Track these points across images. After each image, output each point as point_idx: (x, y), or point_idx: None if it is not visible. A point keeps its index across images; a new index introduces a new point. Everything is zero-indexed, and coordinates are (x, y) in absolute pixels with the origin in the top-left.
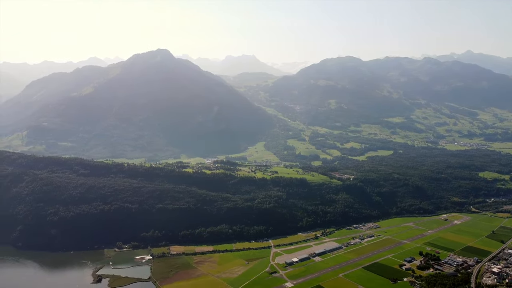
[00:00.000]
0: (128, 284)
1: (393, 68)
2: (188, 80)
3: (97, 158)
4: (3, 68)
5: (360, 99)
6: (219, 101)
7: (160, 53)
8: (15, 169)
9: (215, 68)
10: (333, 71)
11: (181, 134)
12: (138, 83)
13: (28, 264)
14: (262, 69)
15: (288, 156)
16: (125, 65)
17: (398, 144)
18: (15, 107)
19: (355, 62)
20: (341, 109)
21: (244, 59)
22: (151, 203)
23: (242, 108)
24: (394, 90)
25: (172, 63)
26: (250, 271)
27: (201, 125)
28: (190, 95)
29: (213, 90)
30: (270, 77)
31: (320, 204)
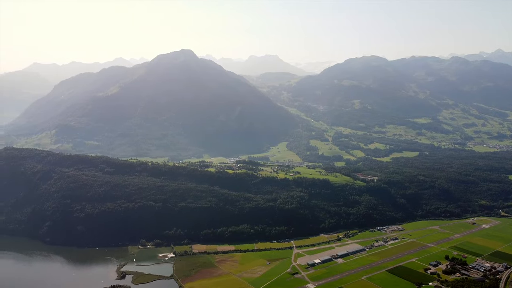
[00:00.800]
0: (151, 281)
1: (419, 68)
2: (211, 80)
3: (122, 156)
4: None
5: (385, 99)
6: (242, 101)
7: (183, 54)
8: (44, 166)
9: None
10: (357, 71)
11: (204, 133)
12: (162, 83)
13: (55, 259)
14: (285, 69)
15: (310, 156)
16: (149, 65)
17: (424, 145)
18: (44, 107)
19: (380, 62)
20: (365, 109)
21: (267, 59)
22: (174, 201)
23: (265, 108)
24: (420, 90)
25: (196, 63)
26: (271, 272)
27: (223, 124)
28: (213, 95)
29: (236, 90)
30: (293, 77)
31: (343, 205)
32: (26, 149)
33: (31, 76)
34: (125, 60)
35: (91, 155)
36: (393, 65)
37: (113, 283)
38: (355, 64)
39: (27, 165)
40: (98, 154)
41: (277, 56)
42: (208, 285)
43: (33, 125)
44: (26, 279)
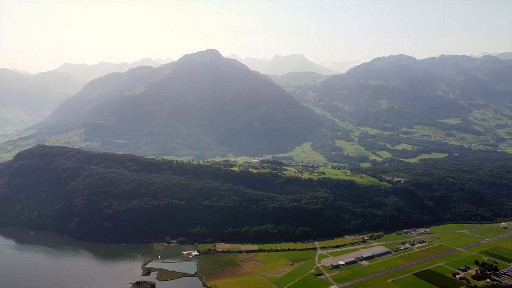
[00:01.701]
0: (175, 278)
1: (449, 67)
2: (236, 79)
3: (148, 155)
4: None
5: (413, 99)
6: (267, 101)
7: (209, 53)
8: (73, 164)
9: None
10: (384, 70)
11: (229, 133)
12: (188, 83)
13: (84, 254)
14: (311, 68)
15: (336, 157)
16: (175, 65)
17: (453, 146)
18: (74, 106)
19: (408, 61)
20: (392, 109)
21: (292, 59)
22: (198, 200)
23: (290, 107)
24: (450, 90)
25: (221, 63)
26: (295, 272)
27: (248, 124)
28: (238, 94)
29: (261, 89)
30: (318, 76)
31: (368, 206)
32: (57, 146)
33: (62, 76)
34: (152, 60)
35: (119, 153)
36: (421, 64)
37: (139, 279)
38: (382, 64)
39: (57, 162)
40: (125, 152)
41: (302, 56)
42: (231, 284)
43: (63, 123)
44: (57, 272)
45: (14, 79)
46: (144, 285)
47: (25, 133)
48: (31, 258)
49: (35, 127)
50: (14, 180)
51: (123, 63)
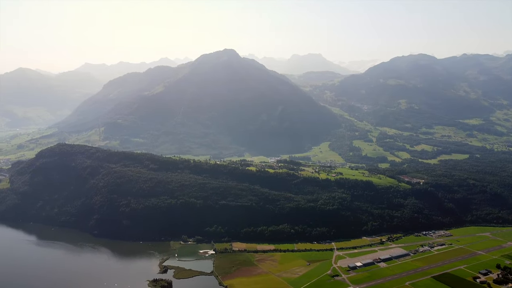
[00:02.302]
0: (192, 277)
1: (471, 66)
2: (253, 79)
3: (166, 154)
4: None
5: (433, 99)
6: (284, 100)
7: (226, 53)
8: (93, 162)
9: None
10: (404, 70)
11: (246, 132)
12: (205, 82)
13: (102, 251)
14: (329, 67)
15: (353, 157)
16: (193, 65)
17: (474, 147)
18: (94, 105)
19: (428, 60)
20: (411, 109)
21: (310, 58)
22: (215, 199)
23: (307, 107)
24: (472, 90)
25: (238, 62)
26: (311, 273)
27: (265, 124)
28: (255, 94)
29: (278, 89)
30: (336, 76)
31: (386, 208)
32: (77, 145)
33: (82, 76)
34: (170, 60)
35: (137, 152)
36: (442, 63)
37: (156, 276)
38: (401, 63)
39: (77, 160)
40: (143, 151)
41: (320, 55)
42: (247, 283)
43: (83, 122)
44: (76, 269)
45: (36, 79)
46: (161, 283)
47: (46, 132)
48: (52, 254)
49: (56, 126)
50: (36, 178)
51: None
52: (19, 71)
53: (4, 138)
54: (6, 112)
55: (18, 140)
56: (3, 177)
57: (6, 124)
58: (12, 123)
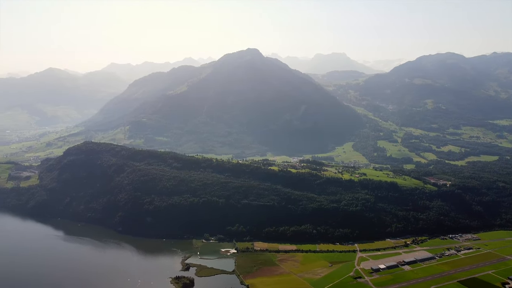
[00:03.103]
0: (213, 275)
1: (501, 65)
2: (276, 78)
3: (189, 153)
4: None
5: (461, 99)
6: (307, 100)
7: (249, 53)
8: (118, 160)
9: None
10: (430, 69)
11: (268, 132)
12: (228, 82)
13: (126, 247)
14: (353, 67)
15: (377, 158)
16: (216, 64)
17: (505, 149)
18: (120, 104)
19: (456, 59)
20: (438, 109)
21: (334, 57)
22: (237, 198)
23: (330, 107)
24: (502, 90)
25: (261, 62)
26: (333, 274)
27: (288, 123)
28: (278, 93)
29: (301, 88)
30: (361, 75)
31: (411, 210)
32: (103, 143)
33: (108, 75)
34: (193, 60)
35: (161, 150)
36: (471, 62)
37: (178, 274)
38: (428, 62)
39: (103, 158)
40: (167, 150)
41: (344, 54)
42: (269, 283)
43: (109, 121)
44: (101, 264)
45: (65, 79)
46: (183, 280)
47: (74, 130)
48: (78, 249)
49: (83, 125)
50: (63, 175)
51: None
52: (48, 71)
53: (34, 136)
54: (36, 110)
55: (47, 138)
56: (32, 173)
57: (36, 122)
58: (41, 121)
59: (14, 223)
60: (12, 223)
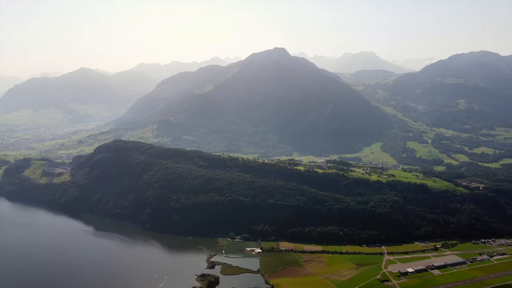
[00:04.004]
0: (238, 274)
1: None
2: (303, 78)
3: (215, 151)
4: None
5: (496, 99)
6: (334, 99)
7: (276, 52)
8: (146, 158)
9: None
10: (463, 68)
11: (294, 131)
12: (254, 81)
13: (153, 244)
14: (382, 66)
15: (407, 159)
16: (243, 64)
17: None
18: (148, 103)
19: (491, 58)
20: (471, 109)
21: (362, 56)
22: (263, 198)
23: (358, 107)
24: None
25: (288, 61)
26: (360, 276)
27: (314, 123)
28: (305, 93)
29: (328, 88)
30: (390, 74)
31: (441, 213)
32: (132, 141)
33: (138, 75)
34: (220, 59)
35: (187, 149)
36: (507, 61)
37: (204, 271)
38: (461, 61)
39: (132, 156)
40: (193, 148)
41: (373, 53)
42: (293, 283)
43: (138, 119)
44: (129, 260)
45: (96, 78)
46: (208, 278)
47: (104, 128)
48: (107, 244)
49: (113, 123)
50: (94, 172)
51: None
52: (80, 71)
53: (66, 134)
54: (68, 109)
55: (79, 136)
56: (65, 170)
57: (68, 120)
58: (73, 119)
59: (48, 218)
60: (46, 218)
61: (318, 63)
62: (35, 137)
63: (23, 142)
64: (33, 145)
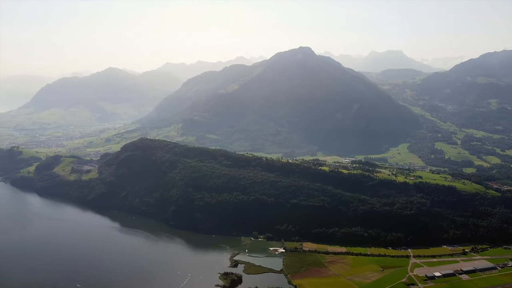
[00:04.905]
0: (261, 273)
1: None
2: (328, 77)
3: (239, 151)
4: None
5: None
6: (360, 99)
7: (301, 51)
8: (171, 156)
9: (357, 64)
10: (495, 67)
11: (319, 131)
12: (279, 81)
13: (177, 241)
14: (410, 65)
15: (435, 160)
16: (267, 63)
17: None
18: (174, 102)
19: None
20: (504, 110)
21: (390, 55)
22: (286, 197)
23: (385, 106)
24: None
25: (313, 60)
26: (384, 279)
27: (339, 123)
28: (330, 92)
29: (354, 87)
30: (418, 73)
31: (471, 216)
32: (157, 140)
33: (164, 74)
34: (245, 58)
35: (212, 148)
36: None
37: (227, 270)
38: (493, 59)
39: (157, 154)
40: (217, 147)
41: (400, 52)
42: (317, 284)
43: (163, 118)
44: (153, 256)
45: (124, 78)
46: (231, 277)
47: (131, 127)
48: (132, 240)
49: (139, 122)
50: (120, 169)
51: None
52: (108, 71)
53: (94, 132)
54: (97, 108)
55: (106, 134)
56: (93, 167)
57: (96, 119)
58: (101, 118)
59: (76, 214)
60: (75, 214)
61: (344, 62)
62: (65, 135)
63: (53, 140)
64: (63, 143)
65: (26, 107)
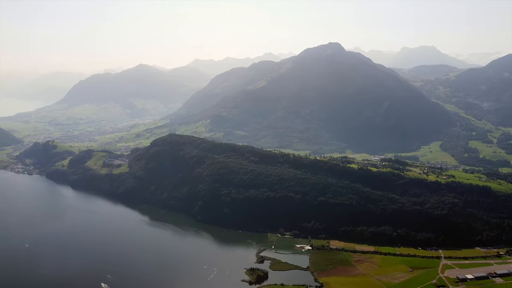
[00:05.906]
0: (287, 270)
1: None
2: (358, 73)
3: (266, 147)
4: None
5: None
6: (391, 96)
7: (331, 47)
8: (199, 152)
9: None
10: None
11: (348, 128)
12: (307, 77)
13: (204, 236)
14: (443, 61)
15: (468, 159)
16: (296, 59)
17: None
18: (202, 98)
19: None
20: None
21: (422, 51)
22: (314, 195)
23: (416, 103)
24: None
25: (343, 56)
26: (414, 280)
27: (369, 120)
28: (359, 88)
29: (384, 84)
30: (452, 69)
31: (507, 218)
32: (186, 136)
33: (192, 71)
34: (273, 55)
35: (239, 144)
36: None
37: (253, 265)
38: None
39: (185, 150)
40: (245, 144)
41: (433, 47)
42: (343, 283)
43: (191, 114)
44: (181, 249)
45: (153, 74)
46: (257, 272)
47: (160, 123)
48: (161, 234)
49: (168, 117)
50: (150, 164)
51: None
52: (139, 67)
53: (125, 128)
54: (128, 104)
55: (136, 130)
56: (123, 162)
57: (127, 114)
58: (132, 113)
59: (108, 207)
60: (107, 207)
61: (374, 58)
62: (97, 130)
63: (86, 135)
64: (95, 138)
65: (61, 103)
